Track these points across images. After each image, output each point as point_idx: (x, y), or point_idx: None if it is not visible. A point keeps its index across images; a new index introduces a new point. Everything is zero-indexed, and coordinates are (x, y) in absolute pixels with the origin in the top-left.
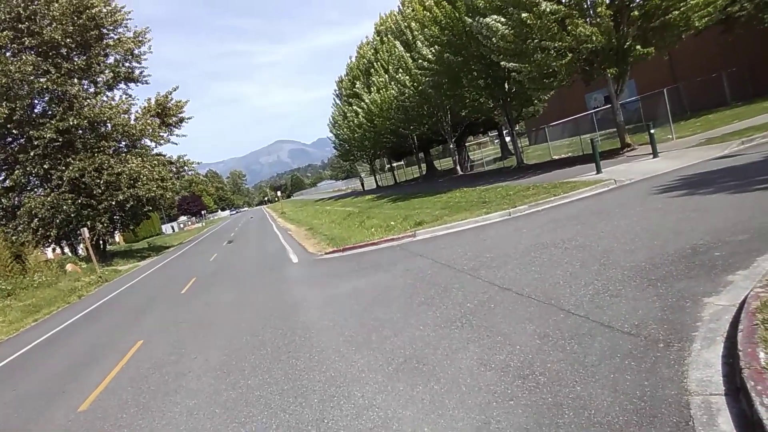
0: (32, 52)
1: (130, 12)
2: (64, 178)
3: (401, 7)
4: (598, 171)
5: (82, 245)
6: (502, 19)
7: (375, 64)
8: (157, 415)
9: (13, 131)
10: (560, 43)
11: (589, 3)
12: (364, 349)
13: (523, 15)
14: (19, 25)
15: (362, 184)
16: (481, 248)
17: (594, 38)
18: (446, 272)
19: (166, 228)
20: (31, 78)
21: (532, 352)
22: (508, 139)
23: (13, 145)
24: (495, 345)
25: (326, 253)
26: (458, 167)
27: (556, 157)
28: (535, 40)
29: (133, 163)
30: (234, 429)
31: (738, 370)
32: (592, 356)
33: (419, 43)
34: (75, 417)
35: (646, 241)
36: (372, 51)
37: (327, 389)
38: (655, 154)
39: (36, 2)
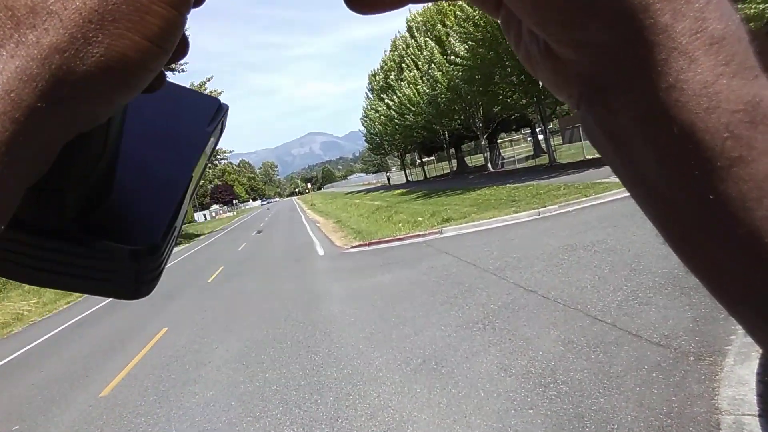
0: None
1: None
2: None
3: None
4: None
5: None
6: None
7: (406, 58)
8: (175, 404)
9: None
10: None
11: None
12: (383, 347)
13: None
14: None
15: (388, 179)
16: (507, 248)
17: None
18: (471, 271)
19: (198, 216)
20: None
21: (555, 358)
22: (540, 137)
23: None
24: (517, 349)
25: (352, 247)
26: (489, 164)
27: (590, 157)
28: None
29: None
30: (248, 423)
31: None
32: (617, 366)
33: (452, 39)
34: (96, 402)
35: None
36: (404, 45)
37: (343, 387)
38: None
39: None
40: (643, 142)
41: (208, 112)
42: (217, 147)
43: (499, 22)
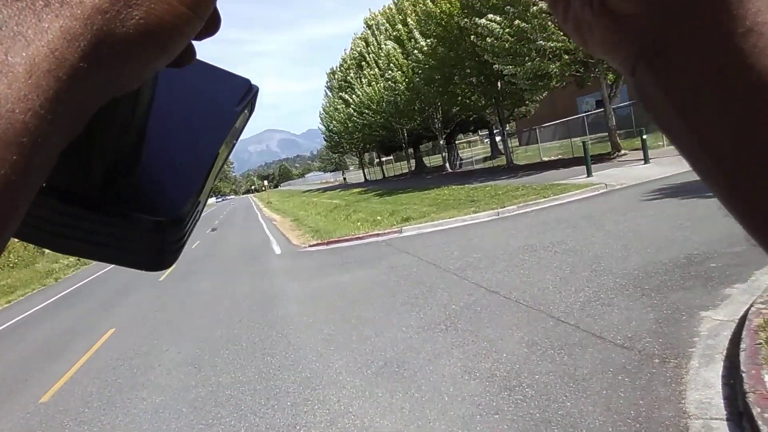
0: None
1: None
2: None
3: (396, 1)
4: (589, 174)
5: None
6: (498, 18)
7: (367, 56)
8: (121, 411)
9: None
10: (556, 44)
11: None
12: (343, 350)
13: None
14: None
15: (344, 178)
16: (468, 248)
17: None
18: (432, 271)
19: None
20: None
21: (520, 361)
22: (498, 138)
23: None
24: (480, 351)
25: (310, 246)
26: (447, 164)
27: (546, 159)
28: (531, 40)
29: None
30: (200, 431)
31: (741, 393)
32: (583, 369)
33: (416, 33)
34: (35, 409)
35: (639, 249)
36: (364, 44)
37: (302, 392)
38: (646, 159)
39: None
40: (715, 98)
41: (238, 92)
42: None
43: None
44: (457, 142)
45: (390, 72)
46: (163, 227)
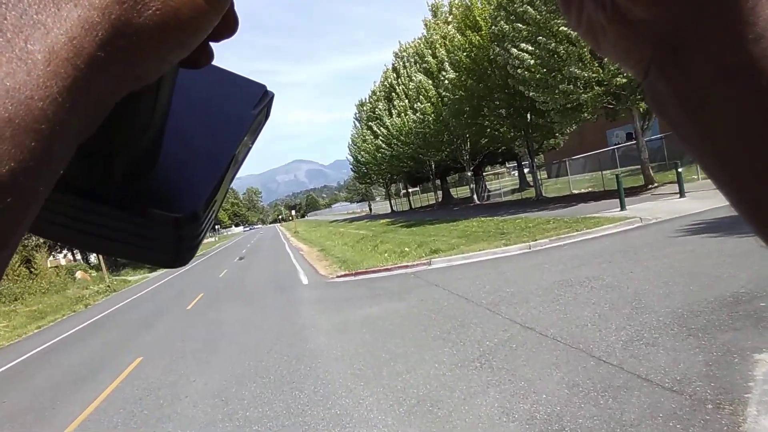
0: None
1: None
2: None
3: (425, 33)
4: (623, 208)
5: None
6: (530, 48)
7: (396, 88)
8: None
9: None
10: (590, 74)
11: None
12: (373, 385)
13: (552, 44)
14: None
15: (370, 208)
16: (500, 282)
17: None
18: (463, 305)
19: None
20: None
21: (561, 403)
22: (526, 170)
23: None
24: (518, 391)
25: (338, 276)
26: (475, 196)
27: (576, 192)
28: (564, 69)
29: None
30: None
31: None
32: (630, 414)
33: (446, 65)
34: None
35: (682, 286)
36: (394, 75)
37: (331, 429)
38: (682, 193)
39: None
40: (726, 102)
41: (254, 97)
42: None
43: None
44: (484, 173)
45: (419, 104)
46: (181, 224)
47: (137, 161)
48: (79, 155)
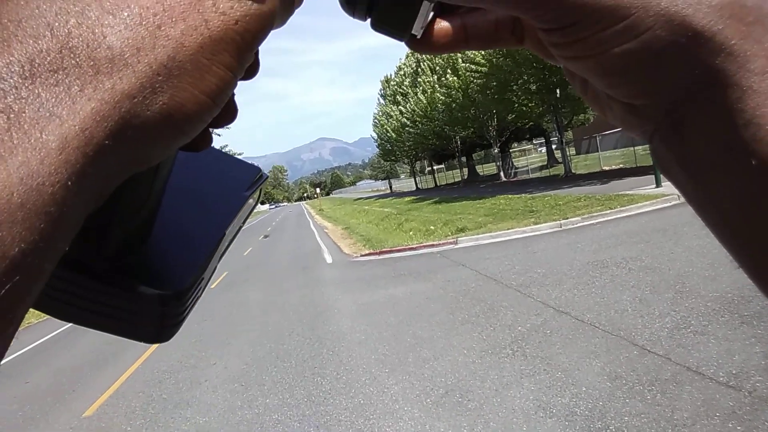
0: None
1: None
2: None
3: None
4: (658, 185)
5: None
6: None
7: (422, 63)
8: (164, 431)
9: None
10: None
11: None
12: (399, 373)
13: None
14: None
15: (390, 187)
16: (530, 262)
17: None
18: (492, 287)
19: None
20: None
21: (603, 397)
22: (554, 147)
23: None
24: (555, 383)
25: (362, 255)
26: (502, 173)
27: (607, 168)
28: None
29: None
30: None
31: None
32: (682, 412)
33: None
34: (78, 423)
35: (729, 268)
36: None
37: (354, 421)
38: None
39: None
40: (720, 173)
41: (248, 179)
42: (225, 149)
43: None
44: (511, 150)
45: (446, 78)
46: (166, 300)
47: (130, 237)
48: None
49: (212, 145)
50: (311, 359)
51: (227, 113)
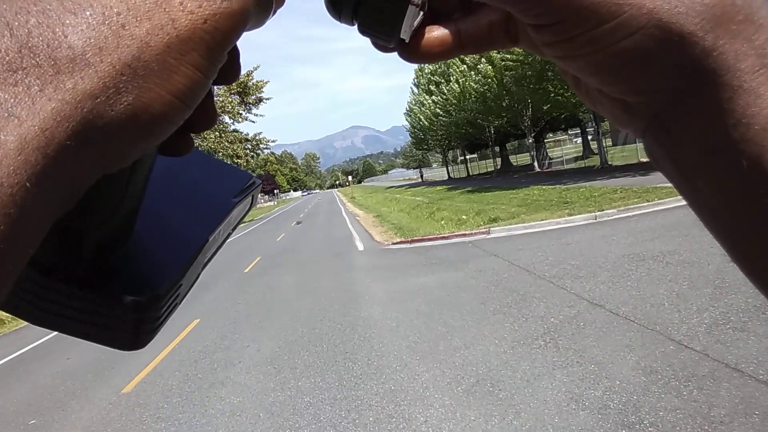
0: None
1: None
2: None
3: None
4: None
5: None
6: None
7: None
8: (199, 410)
9: None
10: None
11: None
12: (429, 360)
13: None
14: None
15: (421, 175)
16: (564, 254)
17: None
18: (524, 277)
19: None
20: None
21: (638, 392)
22: (589, 137)
23: None
24: (588, 376)
25: (393, 243)
26: (536, 163)
27: (644, 160)
28: None
29: (210, 138)
30: None
31: None
32: (719, 409)
33: None
34: (117, 399)
35: None
36: None
37: (385, 406)
38: None
39: None
40: (710, 172)
41: (238, 185)
42: (260, 136)
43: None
44: (545, 140)
45: (481, 65)
46: (141, 306)
47: (106, 241)
48: (48, 233)
49: (230, 144)
50: (342, 344)
51: (204, 117)
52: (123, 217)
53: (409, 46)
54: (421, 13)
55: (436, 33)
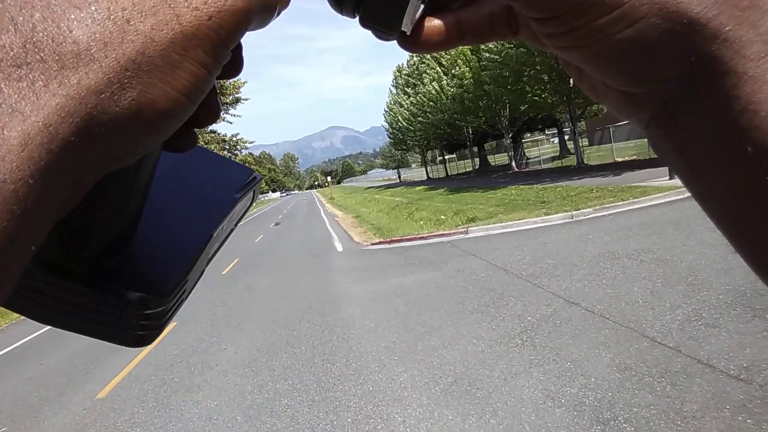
0: None
1: None
2: None
3: None
4: (671, 177)
5: None
6: None
7: (427, 56)
8: (175, 414)
9: None
10: None
11: None
12: (408, 360)
13: None
14: None
15: (399, 176)
16: (541, 253)
17: None
18: (502, 277)
19: None
20: None
21: (612, 388)
22: (566, 137)
23: None
24: (564, 373)
25: (372, 244)
26: (513, 163)
27: (620, 160)
28: None
29: None
30: None
31: None
32: (691, 404)
33: None
34: (91, 405)
35: (742, 261)
36: None
37: (363, 407)
38: None
39: None
40: (716, 161)
41: (240, 180)
42: (237, 137)
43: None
44: (523, 140)
45: (457, 68)
46: (147, 303)
47: (112, 239)
48: (53, 230)
49: (207, 145)
50: (321, 346)
51: (208, 112)
52: (129, 214)
53: (409, 36)
54: (422, 5)
55: (436, 23)
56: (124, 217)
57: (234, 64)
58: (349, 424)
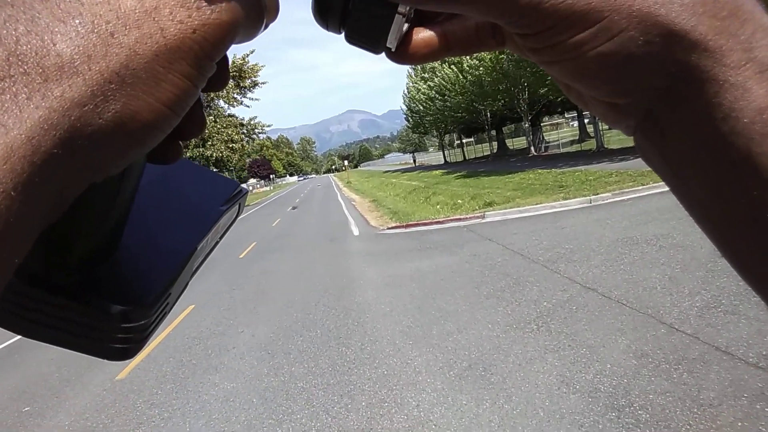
0: None
1: None
2: None
3: None
4: None
5: None
6: None
7: None
8: (193, 395)
9: None
10: None
11: None
12: (422, 345)
13: None
14: None
15: (414, 160)
16: (558, 238)
17: None
18: (518, 262)
19: None
20: None
21: (628, 375)
22: (586, 121)
23: None
24: (579, 359)
25: (389, 228)
26: (532, 147)
27: None
28: None
29: None
30: (269, 427)
31: None
32: (708, 392)
33: None
34: (111, 386)
35: None
36: None
37: (377, 391)
38: None
39: None
40: (700, 167)
41: (226, 193)
42: (255, 120)
43: None
44: (542, 124)
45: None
46: (129, 316)
47: (94, 250)
48: (36, 243)
49: (225, 129)
50: (336, 329)
51: (193, 125)
52: (112, 226)
53: (395, 49)
54: (407, 24)
55: (422, 35)
56: (107, 228)
57: (220, 77)
58: (363, 407)
